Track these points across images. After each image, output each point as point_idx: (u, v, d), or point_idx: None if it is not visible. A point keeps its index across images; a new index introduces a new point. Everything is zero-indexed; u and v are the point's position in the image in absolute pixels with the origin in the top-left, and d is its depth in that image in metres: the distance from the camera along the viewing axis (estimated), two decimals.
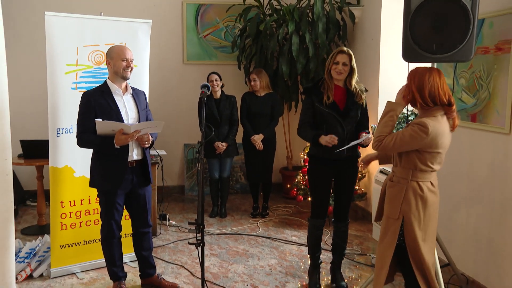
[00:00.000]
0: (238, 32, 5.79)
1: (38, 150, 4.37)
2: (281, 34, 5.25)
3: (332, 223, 3.51)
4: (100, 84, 3.24)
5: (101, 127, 3.00)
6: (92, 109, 3.08)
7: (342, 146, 3.15)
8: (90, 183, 3.23)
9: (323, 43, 5.17)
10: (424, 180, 2.58)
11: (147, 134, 3.13)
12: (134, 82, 3.50)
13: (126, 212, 3.40)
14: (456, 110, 2.61)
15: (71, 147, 3.38)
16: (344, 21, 5.38)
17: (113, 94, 3.15)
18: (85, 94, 3.17)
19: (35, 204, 4.99)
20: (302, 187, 5.09)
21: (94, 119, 3.02)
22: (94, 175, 3.21)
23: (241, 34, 5.67)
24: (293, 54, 5.14)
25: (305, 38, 5.14)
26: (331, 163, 3.29)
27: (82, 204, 3.69)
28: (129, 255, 3.78)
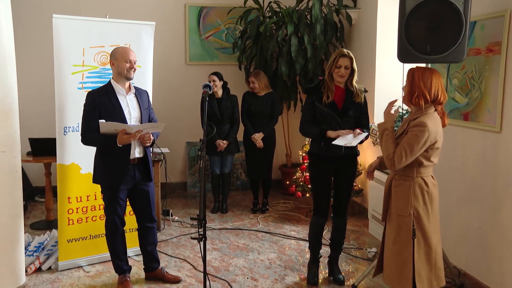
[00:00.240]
0: (238, 33, 5.85)
1: (46, 148, 4.44)
2: (280, 36, 5.31)
3: (331, 219, 3.56)
4: (104, 84, 3.30)
5: (104, 128, 3.05)
6: (96, 108, 3.13)
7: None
8: (94, 179, 3.30)
9: (321, 45, 5.23)
10: (427, 175, 2.69)
11: (149, 134, 3.18)
12: (138, 82, 3.56)
13: (130, 208, 3.47)
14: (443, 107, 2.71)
15: (78, 145, 3.41)
16: (341, 23, 5.45)
17: (116, 94, 3.19)
18: (89, 93, 3.22)
19: (43, 200, 5.05)
20: (301, 184, 5.16)
21: (98, 118, 3.07)
22: (97, 172, 3.27)
23: (241, 35, 5.73)
24: (292, 55, 5.20)
25: (303, 40, 5.21)
26: (331, 161, 3.35)
27: (88, 200, 3.77)
28: (133, 249, 3.86)
